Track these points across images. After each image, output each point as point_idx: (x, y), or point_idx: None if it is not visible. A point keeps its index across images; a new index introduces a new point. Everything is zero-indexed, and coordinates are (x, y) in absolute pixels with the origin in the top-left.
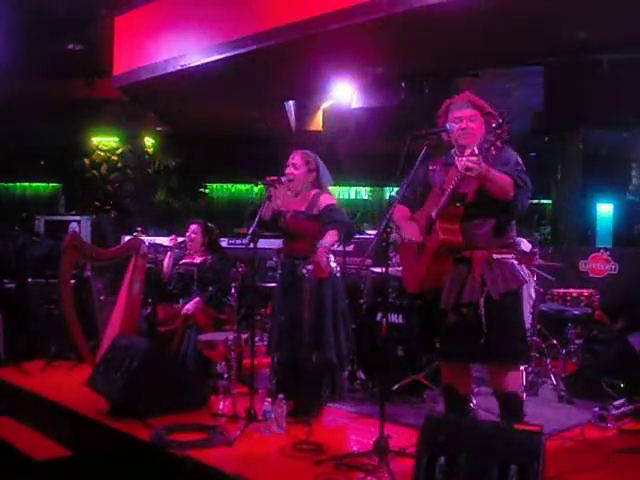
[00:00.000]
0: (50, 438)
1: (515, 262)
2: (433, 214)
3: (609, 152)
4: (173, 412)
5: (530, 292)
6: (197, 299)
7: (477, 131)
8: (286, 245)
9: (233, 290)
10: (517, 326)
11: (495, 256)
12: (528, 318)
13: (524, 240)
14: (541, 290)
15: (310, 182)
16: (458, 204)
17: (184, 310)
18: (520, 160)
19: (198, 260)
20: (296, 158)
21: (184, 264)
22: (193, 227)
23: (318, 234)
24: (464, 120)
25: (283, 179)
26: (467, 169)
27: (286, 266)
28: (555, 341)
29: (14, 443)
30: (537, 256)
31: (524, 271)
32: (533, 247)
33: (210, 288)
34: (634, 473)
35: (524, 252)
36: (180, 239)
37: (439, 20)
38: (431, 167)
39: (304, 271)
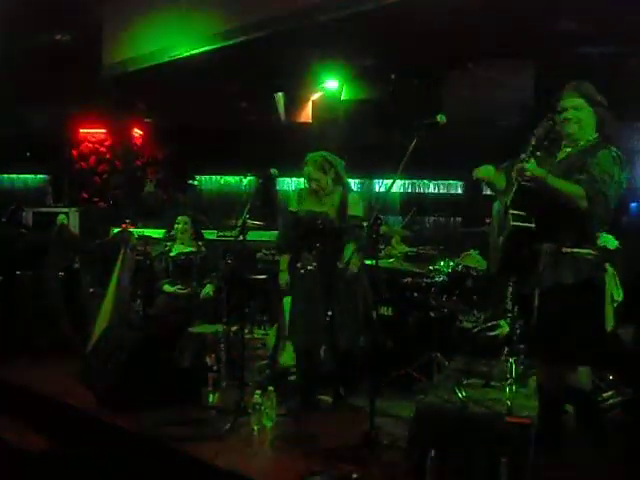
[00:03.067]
0: (40, 431)
1: (589, 259)
2: None
3: None
4: (163, 405)
5: (612, 294)
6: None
7: (583, 121)
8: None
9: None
10: (575, 327)
11: (565, 250)
12: (610, 321)
13: (610, 237)
14: None
15: (332, 181)
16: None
17: None
18: (612, 166)
19: (193, 249)
20: (312, 173)
21: (181, 254)
22: (185, 220)
23: None
24: (569, 109)
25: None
26: (518, 174)
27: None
28: None
29: (4, 436)
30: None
31: (609, 271)
32: None
33: (214, 274)
34: (623, 464)
35: (607, 249)
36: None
37: (429, 11)
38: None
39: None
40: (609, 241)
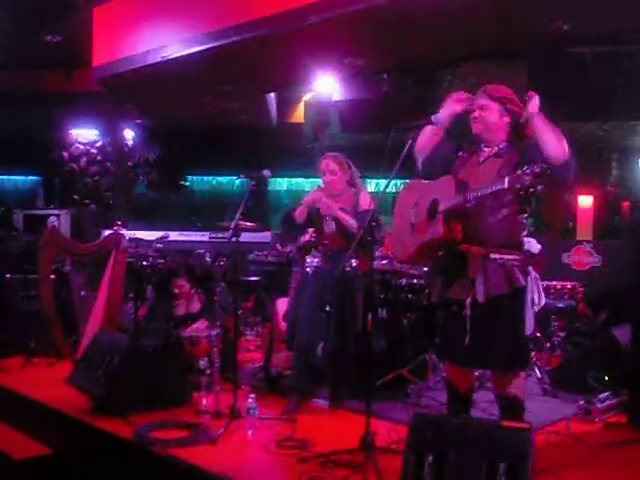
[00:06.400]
0: (30, 436)
1: (516, 264)
2: (441, 207)
3: (588, 143)
4: (155, 409)
5: (534, 298)
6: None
7: (489, 120)
8: (331, 240)
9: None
10: (509, 332)
11: (493, 256)
12: (530, 325)
13: (532, 240)
14: None
15: (346, 182)
16: (469, 205)
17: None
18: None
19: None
20: (331, 164)
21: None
22: (181, 284)
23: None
24: (477, 110)
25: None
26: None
27: (330, 259)
28: (538, 334)
29: None
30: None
31: (531, 274)
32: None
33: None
34: (620, 467)
35: (531, 254)
36: None
37: (420, 11)
38: (460, 153)
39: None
40: (532, 245)
